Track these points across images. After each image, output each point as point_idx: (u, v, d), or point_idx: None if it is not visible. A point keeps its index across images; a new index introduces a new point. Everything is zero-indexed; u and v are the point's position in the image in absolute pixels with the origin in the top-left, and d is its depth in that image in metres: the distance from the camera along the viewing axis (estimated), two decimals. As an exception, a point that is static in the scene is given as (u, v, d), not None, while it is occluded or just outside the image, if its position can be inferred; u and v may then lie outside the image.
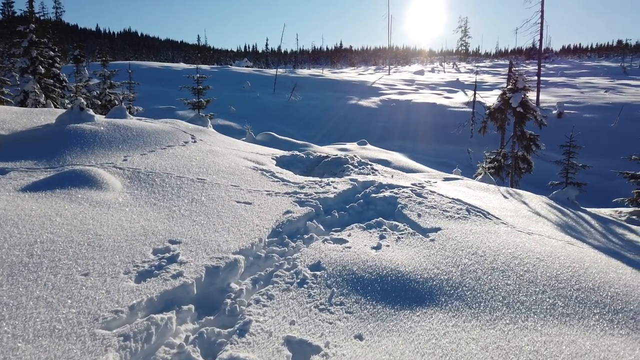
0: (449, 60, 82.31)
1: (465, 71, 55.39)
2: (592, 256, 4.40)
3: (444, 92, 34.05)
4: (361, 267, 3.55)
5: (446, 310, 3.13)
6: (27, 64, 15.59)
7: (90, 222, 3.68)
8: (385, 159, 12.09)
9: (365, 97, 30.84)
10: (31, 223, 3.47)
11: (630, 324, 3.23)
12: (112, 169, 5.14)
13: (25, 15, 16.94)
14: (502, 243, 4.26)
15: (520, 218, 5.61)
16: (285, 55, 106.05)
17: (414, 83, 39.60)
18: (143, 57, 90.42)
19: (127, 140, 6.31)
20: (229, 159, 6.40)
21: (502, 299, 3.31)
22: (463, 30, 74.07)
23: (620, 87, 33.89)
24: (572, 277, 3.74)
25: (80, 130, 6.25)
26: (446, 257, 3.86)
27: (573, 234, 5.55)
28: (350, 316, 2.97)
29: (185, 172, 5.38)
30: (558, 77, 43.27)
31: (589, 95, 29.79)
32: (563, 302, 3.37)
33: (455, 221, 4.83)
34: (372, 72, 54.13)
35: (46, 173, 4.82)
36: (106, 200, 4.22)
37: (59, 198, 4.08)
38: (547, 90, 31.94)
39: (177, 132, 7.31)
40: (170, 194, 4.67)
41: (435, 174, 9.38)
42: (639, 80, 39.03)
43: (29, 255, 3.02)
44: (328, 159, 7.90)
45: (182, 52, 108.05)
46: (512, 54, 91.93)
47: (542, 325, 3.06)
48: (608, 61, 68.19)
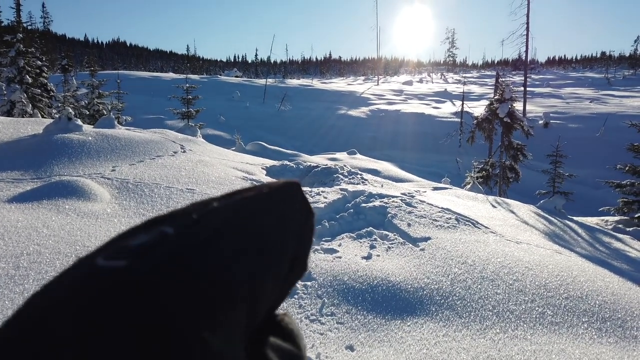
0: (437, 71, 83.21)
1: (453, 82, 55.99)
2: (580, 265, 4.44)
3: (432, 102, 34.34)
4: (352, 277, 3.54)
5: (437, 320, 3.13)
6: (14, 74, 15.45)
7: (77, 233, 3.64)
8: (375, 168, 12.12)
9: (354, 107, 30.99)
10: (17, 235, 3.41)
11: (618, 332, 3.26)
12: (100, 179, 5.10)
13: (12, 25, 16.82)
14: (491, 252, 4.29)
15: (508, 227, 5.66)
16: (275, 65, 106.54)
17: (402, 93, 39.92)
18: (132, 67, 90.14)
19: (116, 150, 6.26)
20: (218, 169, 6.38)
21: (492, 308, 3.33)
22: (450, 41, 75.05)
23: (604, 98, 34.47)
24: (560, 285, 3.77)
25: (67, 140, 6.20)
26: (436, 267, 3.87)
27: (561, 243, 5.60)
28: (341, 327, 2.96)
29: (175, 182, 5.35)
30: (544, 88, 43.90)
31: (574, 105, 30.26)
32: (552, 310, 3.40)
33: (445, 230, 4.86)
34: (361, 82, 54.44)
35: (33, 184, 4.76)
36: (94, 211, 4.18)
37: (45, 209, 4.03)
38: (533, 101, 32.38)
39: (166, 142, 7.28)
40: (159, 204, 4.63)
41: (424, 183, 9.43)
42: (623, 90, 39.74)
43: (15, 267, 2.97)
44: (318, 168, 7.91)
45: (171, 62, 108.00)
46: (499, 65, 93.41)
47: (532, 334, 3.08)
48: (592, 72, 69.37)
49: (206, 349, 0.22)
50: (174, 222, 0.26)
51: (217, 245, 0.25)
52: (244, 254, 0.27)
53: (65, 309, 0.21)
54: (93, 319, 0.21)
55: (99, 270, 0.23)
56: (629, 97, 34.27)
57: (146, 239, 0.24)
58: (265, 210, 0.29)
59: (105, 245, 0.25)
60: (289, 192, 0.32)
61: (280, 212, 0.30)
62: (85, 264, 0.23)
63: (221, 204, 0.28)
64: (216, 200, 0.28)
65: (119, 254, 0.24)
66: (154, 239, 0.24)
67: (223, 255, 0.25)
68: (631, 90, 39.98)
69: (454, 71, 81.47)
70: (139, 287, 0.22)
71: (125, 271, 0.22)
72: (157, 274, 0.23)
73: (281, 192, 0.32)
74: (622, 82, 48.07)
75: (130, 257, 0.23)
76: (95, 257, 0.24)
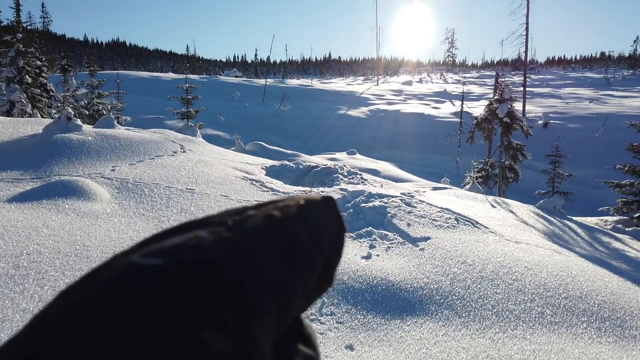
0: (437, 71, 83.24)
1: (453, 82, 56.00)
2: (579, 265, 4.45)
3: (432, 103, 34.34)
4: (351, 276, 3.55)
5: (436, 320, 3.14)
6: (14, 74, 15.44)
7: (77, 233, 3.64)
8: (374, 168, 12.13)
9: (354, 107, 30.99)
10: (17, 234, 3.42)
11: (617, 332, 3.27)
12: (100, 179, 5.10)
13: (12, 25, 16.81)
14: (490, 252, 4.29)
15: (508, 227, 5.66)
16: (275, 66, 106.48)
17: (402, 93, 39.92)
18: (131, 67, 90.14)
19: (115, 150, 6.26)
20: (218, 168, 6.38)
21: (492, 308, 3.33)
22: (450, 41, 75.07)
23: (604, 98, 34.49)
24: (559, 285, 3.77)
25: (67, 140, 6.20)
26: (436, 266, 3.88)
27: (560, 243, 5.61)
28: (341, 326, 2.96)
29: (174, 182, 5.35)
30: (543, 88, 43.91)
31: (574, 105, 30.27)
32: (551, 310, 3.40)
33: (445, 230, 4.86)
34: (360, 82, 54.44)
35: (33, 183, 4.77)
36: (94, 211, 4.18)
37: (45, 209, 4.03)
38: (533, 101, 32.38)
39: (165, 142, 7.28)
40: (159, 204, 4.64)
41: (424, 183, 9.43)
42: (622, 91, 39.77)
43: (15, 267, 2.98)
44: (318, 168, 7.91)
45: (170, 62, 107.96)
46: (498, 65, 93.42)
47: (531, 334, 3.08)
48: (592, 72, 69.40)
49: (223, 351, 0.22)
50: (209, 226, 0.27)
51: (249, 252, 0.26)
52: (276, 262, 0.27)
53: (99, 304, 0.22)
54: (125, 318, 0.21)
55: (135, 266, 0.23)
56: (629, 97, 34.31)
57: (181, 240, 0.25)
58: (300, 221, 0.30)
59: (141, 244, 0.25)
60: (325, 206, 0.33)
61: (315, 224, 0.31)
62: (120, 261, 0.24)
63: (256, 212, 0.29)
64: (251, 209, 0.29)
65: (154, 252, 0.24)
66: (189, 240, 0.25)
67: (254, 262, 0.26)
68: (630, 90, 40.02)
69: (454, 71, 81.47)
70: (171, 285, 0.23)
71: (160, 269, 0.23)
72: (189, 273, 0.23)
73: (317, 205, 0.32)
74: (622, 82, 48.10)
75: (166, 256, 0.24)
76: (130, 255, 0.24)
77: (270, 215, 0.29)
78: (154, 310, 0.22)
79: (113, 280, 0.23)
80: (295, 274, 0.28)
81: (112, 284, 0.23)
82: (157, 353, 0.21)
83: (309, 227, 0.30)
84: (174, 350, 0.21)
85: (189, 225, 0.27)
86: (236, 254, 0.25)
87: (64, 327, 0.21)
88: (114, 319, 0.21)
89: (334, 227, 0.33)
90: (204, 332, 0.22)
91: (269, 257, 0.27)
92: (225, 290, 0.24)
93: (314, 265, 0.30)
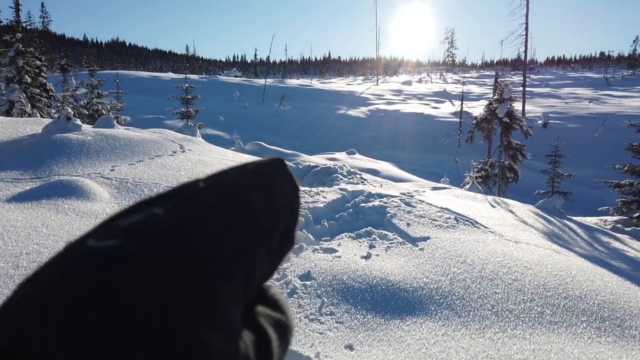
0: (436, 71, 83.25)
1: (452, 82, 56.01)
2: (579, 264, 4.45)
3: (432, 103, 34.34)
4: (351, 276, 3.55)
5: (436, 319, 3.14)
6: (13, 73, 15.43)
7: (77, 232, 3.64)
8: (374, 168, 12.13)
9: (353, 107, 30.99)
10: (17, 234, 3.41)
11: (617, 332, 3.27)
12: (100, 179, 5.10)
13: (11, 25, 16.79)
14: (490, 252, 4.29)
15: (507, 227, 5.66)
16: (274, 65, 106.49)
17: (401, 93, 39.92)
18: (131, 66, 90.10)
19: (115, 150, 6.26)
20: (217, 168, 6.34)
21: (491, 308, 3.33)
22: (449, 41, 75.07)
23: (603, 98, 34.50)
24: (559, 285, 3.78)
25: (67, 140, 6.19)
26: (435, 266, 3.88)
27: (560, 243, 5.61)
28: (341, 326, 2.96)
29: (174, 182, 5.35)
30: (543, 88, 43.92)
31: (573, 105, 30.28)
32: (551, 310, 3.40)
33: (444, 230, 4.86)
34: (360, 82, 54.43)
35: (32, 183, 4.76)
36: (93, 211, 4.18)
37: (45, 209, 4.03)
38: (532, 101, 32.39)
39: (165, 142, 7.28)
40: (158, 204, 4.63)
41: (423, 183, 9.43)
42: (622, 90, 39.79)
43: (14, 266, 2.97)
44: (317, 168, 7.91)
45: (170, 62, 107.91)
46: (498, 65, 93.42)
47: (531, 334, 3.08)
48: (591, 72, 69.41)
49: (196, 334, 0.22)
50: (163, 202, 0.26)
51: (206, 221, 0.26)
52: (234, 228, 0.27)
53: (58, 294, 0.21)
54: (86, 302, 0.21)
55: (91, 250, 0.23)
56: (628, 97, 34.32)
57: (136, 219, 0.25)
58: (252, 185, 0.30)
59: (96, 228, 0.25)
60: (275, 167, 0.33)
61: (268, 186, 0.31)
62: (76, 247, 0.24)
63: (207, 183, 0.28)
64: (202, 181, 0.29)
65: (110, 234, 0.24)
66: (144, 218, 0.25)
67: (213, 231, 0.25)
68: (630, 90, 40.03)
69: (453, 71, 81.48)
70: (129, 264, 0.22)
71: (117, 249, 0.23)
72: (148, 250, 0.23)
73: (267, 167, 0.32)
74: (621, 82, 48.12)
75: (122, 237, 0.23)
76: (86, 239, 0.24)
77: (222, 183, 0.29)
78: (114, 293, 0.21)
79: (72, 267, 0.22)
80: (256, 239, 0.28)
81: (70, 270, 0.22)
82: (120, 335, 0.20)
83: (262, 189, 0.30)
84: (137, 330, 0.21)
85: (143, 203, 0.26)
86: (193, 225, 0.25)
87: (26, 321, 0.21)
88: (75, 306, 0.21)
89: (288, 186, 0.33)
90: (167, 310, 0.21)
91: (226, 223, 0.26)
92: (186, 262, 0.23)
93: (274, 227, 0.30)
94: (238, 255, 0.26)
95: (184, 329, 0.22)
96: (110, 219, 0.25)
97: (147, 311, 0.21)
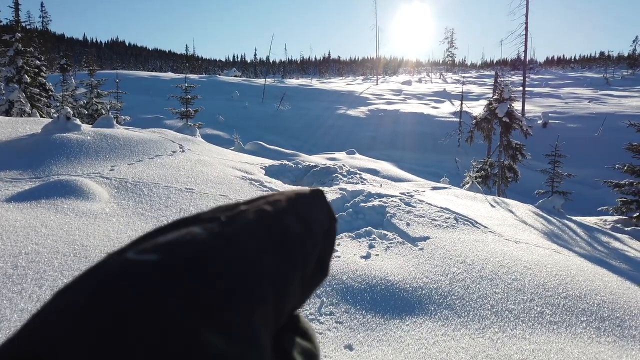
0: (436, 71, 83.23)
1: (452, 81, 55.98)
2: (579, 264, 4.45)
3: (431, 102, 34.33)
4: (350, 276, 3.54)
5: (435, 319, 3.14)
6: (13, 73, 15.41)
7: (76, 232, 3.63)
8: (374, 168, 12.13)
9: (353, 106, 30.98)
10: (15, 234, 3.41)
11: (616, 331, 3.27)
12: (99, 178, 5.09)
13: (11, 24, 16.78)
14: (490, 252, 4.29)
15: (507, 226, 5.66)
16: (274, 65, 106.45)
17: (401, 93, 39.91)
18: (131, 66, 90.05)
19: (114, 149, 6.25)
20: (217, 168, 6.37)
21: (491, 308, 3.33)
22: (449, 41, 75.03)
23: (603, 98, 34.50)
24: (559, 285, 3.77)
25: (66, 139, 6.19)
26: (435, 266, 3.87)
27: (559, 242, 5.61)
28: (340, 326, 2.96)
29: (173, 181, 5.34)
30: (542, 88, 43.91)
31: (573, 105, 30.28)
32: (551, 310, 3.40)
33: (444, 230, 4.86)
34: (360, 82, 54.40)
35: (31, 183, 4.76)
36: (93, 211, 4.17)
37: (44, 208, 4.03)
38: (532, 101, 32.39)
39: (165, 142, 7.27)
40: (158, 204, 4.63)
41: (423, 183, 9.43)
42: (621, 90, 39.78)
43: (13, 266, 2.97)
44: (317, 168, 7.90)
45: (170, 62, 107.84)
46: (498, 65, 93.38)
47: (531, 334, 3.08)
48: (591, 72, 69.35)
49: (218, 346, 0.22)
50: (202, 222, 0.27)
51: (244, 245, 0.26)
52: (271, 253, 0.27)
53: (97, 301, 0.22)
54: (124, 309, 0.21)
55: (131, 262, 0.24)
56: (628, 97, 34.31)
57: (175, 237, 0.25)
58: (291, 214, 0.31)
59: (135, 242, 0.26)
60: (314, 198, 0.33)
61: (306, 215, 0.31)
62: (116, 258, 0.24)
63: (247, 208, 0.29)
64: (243, 204, 0.30)
65: (149, 249, 0.24)
66: (183, 236, 0.25)
67: (247, 254, 0.26)
68: (630, 90, 40.03)
69: (453, 71, 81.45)
70: (168, 278, 0.23)
71: (156, 264, 0.23)
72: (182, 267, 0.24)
73: (307, 197, 0.33)
74: (621, 82, 48.10)
75: (161, 253, 0.24)
76: (126, 252, 0.25)
77: (261, 209, 0.30)
78: (153, 306, 0.21)
79: (111, 277, 0.23)
80: (290, 265, 0.28)
81: (110, 281, 0.23)
82: (156, 349, 0.21)
83: (300, 218, 0.31)
84: (173, 345, 0.21)
85: (183, 222, 0.27)
86: (230, 248, 0.26)
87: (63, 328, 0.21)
88: (114, 316, 0.21)
89: (325, 217, 0.33)
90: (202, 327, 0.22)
91: (262, 249, 0.27)
92: (221, 283, 0.24)
93: (308, 256, 0.31)
94: (271, 281, 0.27)
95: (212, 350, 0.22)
96: (150, 234, 0.26)
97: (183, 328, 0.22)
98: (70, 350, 0.20)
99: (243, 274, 0.25)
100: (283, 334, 0.29)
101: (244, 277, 0.25)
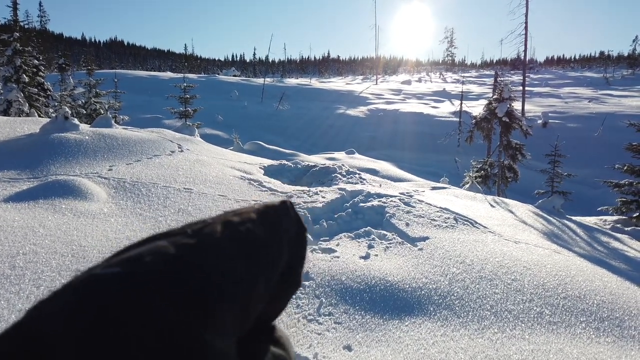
0: (436, 71, 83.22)
1: (452, 81, 55.98)
2: (578, 264, 4.44)
3: (431, 102, 34.33)
4: (350, 276, 3.53)
5: (435, 320, 3.13)
6: (11, 73, 15.38)
7: (74, 232, 3.62)
8: (373, 168, 12.12)
9: (352, 106, 30.97)
10: (13, 234, 3.40)
11: (616, 332, 3.26)
12: (97, 178, 5.08)
13: (9, 24, 16.75)
14: (489, 252, 4.28)
15: (507, 227, 5.65)
16: (273, 65, 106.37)
17: (401, 93, 39.90)
18: (129, 66, 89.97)
19: (113, 149, 6.24)
20: (216, 168, 6.35)
21: (490, 308, 3.32)
22: (449, 40, 75.06)
23: (603, 97, 34.52)
24: (558, 285, 3.76)
25: (64, 139, 6.17)
26: (434, 266, 3.86)
27: (559, 243, 5.60)
28: (339, 327, 2.95)
29: (172, 181, 5.33)
30: (542, 88, 43.94)
31: (573, 105, 30.29)
32: (550, 310, 3.39)
33: (443, 230, 4.85)
34: (359, 81, 54.38)
35: (29, 183, 4.74)
36: (91, 211, 4.16)
37: (42, 209, 4.01)
38: (532, 100, 32.40)
39: (163, 142, 7.26)
40: (156, 204, 4.62)
41: (422, 183, 9.42)
42: (621, 90, 39.80)
43: (11, 267, 2.96)
44: (316, 168, 7.89)
45: (169, 61, 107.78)
46: (498, 65, 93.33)
47: (530, 334, 3.07)
48: (591, 72, 69.37)
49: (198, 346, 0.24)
50: (169, 237, 0.28)
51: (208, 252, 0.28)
52: (236, 260, 0.29)
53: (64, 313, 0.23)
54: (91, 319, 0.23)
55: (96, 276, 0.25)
56: (628, 97, 34.33)
57: (141, 251, 0.27)
58: (257, 224, 0.32)
59: (106, 260, 0.27)
60: (283, 208, 0.35)
61: (271, 222, 0.33)
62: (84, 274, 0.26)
63: (215, 220, 0.31)
64: (210, 219, 0.31)
65: (115, 263, 0.26)
66: (149, 249, 0.27)
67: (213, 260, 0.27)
68: (630, 89, 40.05)
69: (453, 70, 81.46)
70: (129, 288, 0.24)
71: (119, 275, 0.25)
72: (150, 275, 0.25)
73: (275, 207, 0.34)
74: (621, 82, 48.14)
75: (125, 265, 0.25)
76: (93, 269, 0.26)
77: (228, 220, 0.31)
78: (110, 316, 0.23)
79: (75, 292, 0.24)
80: (256, 271, 0.30)
81: (73, 295, 0.24)
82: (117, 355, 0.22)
83: (267, 228, 0.32)
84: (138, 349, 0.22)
85: (152, 238, 0.28)
86: (194, 255, 0.27)
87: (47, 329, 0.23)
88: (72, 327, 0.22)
89: (292, 226, 0.34)
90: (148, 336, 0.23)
91: (227, 256, 0.28)
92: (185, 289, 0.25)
93: (274, 260, 0.32)
94: (236, 285, 0.28)
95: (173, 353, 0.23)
96: (120, 252, 0.28)
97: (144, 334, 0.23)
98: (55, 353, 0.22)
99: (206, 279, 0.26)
100: (255, 341, 0.30)
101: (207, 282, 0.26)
